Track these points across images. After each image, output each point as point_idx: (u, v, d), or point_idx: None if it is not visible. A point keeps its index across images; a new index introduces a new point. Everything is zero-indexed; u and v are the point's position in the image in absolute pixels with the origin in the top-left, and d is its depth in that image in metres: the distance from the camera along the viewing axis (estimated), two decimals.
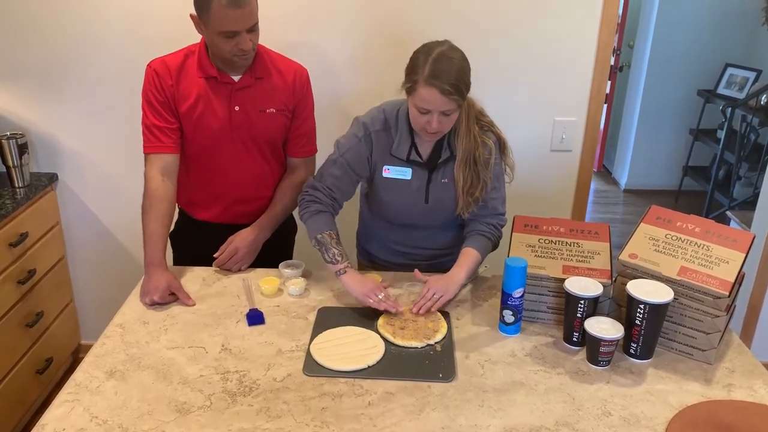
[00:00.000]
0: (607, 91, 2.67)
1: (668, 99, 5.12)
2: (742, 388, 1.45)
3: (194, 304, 1.75)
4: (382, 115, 1.81)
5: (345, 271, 1.72)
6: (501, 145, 1.83)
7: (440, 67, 1.60)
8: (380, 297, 1.67)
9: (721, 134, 4.65)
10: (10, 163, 2.46)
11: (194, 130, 1.91)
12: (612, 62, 3.11)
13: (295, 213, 2.24)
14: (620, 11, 2.54)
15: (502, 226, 1.90)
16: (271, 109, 1.94)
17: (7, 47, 2.46)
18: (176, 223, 2.11)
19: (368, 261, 2.08)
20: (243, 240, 1.94)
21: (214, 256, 1.93)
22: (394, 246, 1.98)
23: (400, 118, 1.79)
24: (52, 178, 2.62)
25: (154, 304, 1.74)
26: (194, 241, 2.09)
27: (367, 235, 2.06)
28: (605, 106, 5.40)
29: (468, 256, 1.79)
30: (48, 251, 2.61)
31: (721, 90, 4.79)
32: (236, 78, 1.89)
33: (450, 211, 1.85)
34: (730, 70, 4.79)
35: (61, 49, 2.46)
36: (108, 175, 2.66)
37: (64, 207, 2.71)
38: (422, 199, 1.84)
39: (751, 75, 4.66)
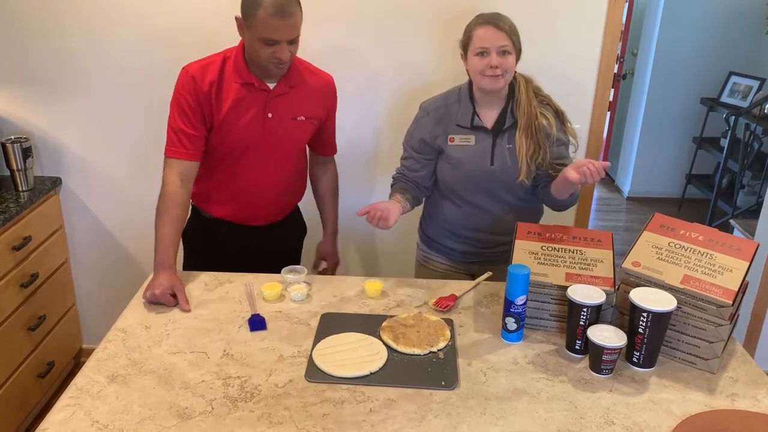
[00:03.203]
0: (611, 98, 2.66)
1: (671, 107, 5.12)
2: (746, 397, 1.45)
3: (190, 311, 1.74)
4: (443, 95, 2.00)
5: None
6: (560, 116, 1.96)
7: (493, 15, 1.85)
8: (374, 223, 1.78)
9: (725, 142, 4.64)
10: (14, 167, 2.47)
11: (227, 135, 1.92)
12: (615, 70, 3.10)
13: (307, 216, 2.30)
14: (624, 19, 2.55)
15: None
16: (302, 117, 1.98)
17: (13, 52, 2.47)
18: (187, 222, 2.10)
19: (429, 247, 2.14)
20: (330, 252, 2.26)
21: (318, 270, 2.18)
22: (457, 229, 2.04)
23: (461, 92, 1.96)
24: (56, 182, 2.63)
25: (154, 300, 1.75)
26: (204, 241, 2.11)
27: (429, 219, 2.13)
28: (608, 113, 5.42)
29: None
30: (51, 255, 2.61)
31: (724, 98, 4.79)
32: (271, 86, 1.91)
33: (514, 176, 1.92)
34: (733, 79, 4.79)
35: (66, 53, 2.47)
36: (112, 179, 2.66)
37: (68, 211, 2.72)
38: (488, 161, 1.93)
39: (755, 83, 4.65)
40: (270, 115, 1.93)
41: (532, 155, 1.90)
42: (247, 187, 2.02)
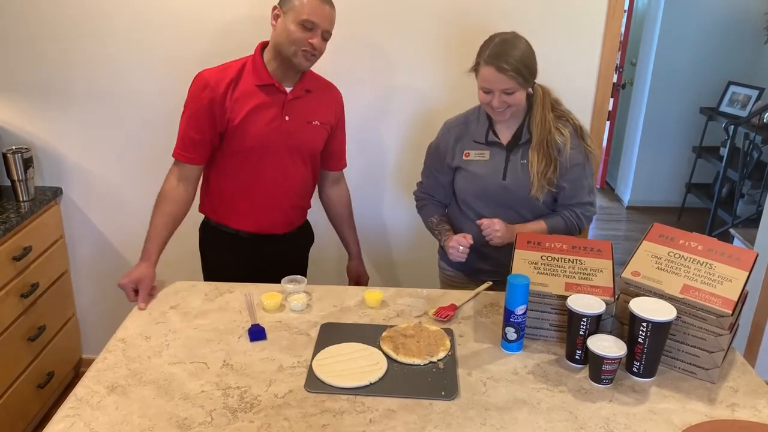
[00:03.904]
0: (610, 108, 2.69)
1: (671, 116, 5.13)
2: (746, 407, 1.44)
3: (143, 308, 1.80)
4: (465, 113, 2.03)
5: (445, 241, 1.99)
6: (578, 132, 1.95)
7: (500, 49, 1.79)
8: (460, 250, 1.89)
9: (724, 152, 4.66)
10: (15, 177, 2.47)
11: (245, 138, 1.93)
12: (615, 79, 3.11)
13: (316, 225, 2.30)
14: (623, 29, 2.56)
15: (588, 217, 2.02)
16: (316, 122, 2.02)
17: (13, 62, 2.48)
18: (206, 237, 2.14)
19: (455, 267, 2.13)
20: (362, 273, 2.29)
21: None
22: (476, 246, 1.99)
23: (481, 109, 1.97)
24: (57, 192, 2.64)
25: (121, 287, 1.83)
26: (224, 256, 2.10)
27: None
28: (608, 123, 5.44)
29: (534, 222, 1.98)
30: (51, 265, 2.61)
31: (723, 108, 4.80)
32: (288, 89, 1.95)
33: (526, 192, 1.93)
34: (732, 88, 4.81)
35: (66, 64, 2.48)
36: (112, 189, 2.67)
37: (68, 221, 2.72)
38: (500, 175, 1.95)
39: (754, 93, 4.67)
40: (287, 117, 1.95)
41: (543, 171, 1.90)
42: (269, 192, 2.03)
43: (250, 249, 2.08)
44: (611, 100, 2.58)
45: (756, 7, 4.81)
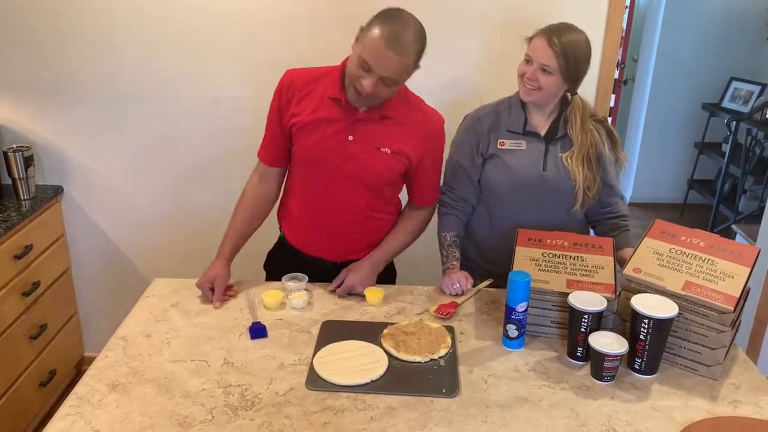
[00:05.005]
0: (612, 104, 2.68)
1: (673, 112, 5.12)
2: (748, 404, 1.44)
3: (218, 307, 1.80)
4: (494, 103, 1.98)
5: (443, 272, 1.92)
6: (612, 138, 1.94)
7: (560, 28, 1.80)
8: (455, 287, 1.85)
9: (726, 148, 4.65)
10: (16, 176, 2.47)
11: (303, 147, 1.84)
12: (616, 76, 3.11)
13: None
14: (624, 25, 2.56)
15: (624, 211, 2.06)
16: (386, 149, 1.82)
17: (15, 60, 2.48)
18: (275, 245, 2.10)
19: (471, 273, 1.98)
20: (358, 277, 1.87)
21: (329, 290, 1.89)
22: (490, 247, 1.99)
23: (513, 99, 1.94)
24: (58, 190, 2.64)
25: (197, 287, 1.84)
26: (286, 267, 1.95)
27: (466, 239, 2.05)
28: (610, 119, 5.42)
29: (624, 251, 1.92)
30: (52, 263, 2.61)
31: (725, 104, 4.79)
32: (362, 109, 1.79)
33: (566, 185, 1.89)
34: (734, 84, 4.79)
35: (68, 62, 2.48)
36: (113, 188, 2.67)
37: (69, 219, 2.72)
38: (540, 166, 1.91)
39: (756, 89, 4.66)
40: (351, 137, 1.79)
41: (588, 186, 1.89)
42: (323, 216, 1.90)
43: (296, 261, 1.96)
44: (613, 97, 2.57)
45: (758, 2, 4.79)
